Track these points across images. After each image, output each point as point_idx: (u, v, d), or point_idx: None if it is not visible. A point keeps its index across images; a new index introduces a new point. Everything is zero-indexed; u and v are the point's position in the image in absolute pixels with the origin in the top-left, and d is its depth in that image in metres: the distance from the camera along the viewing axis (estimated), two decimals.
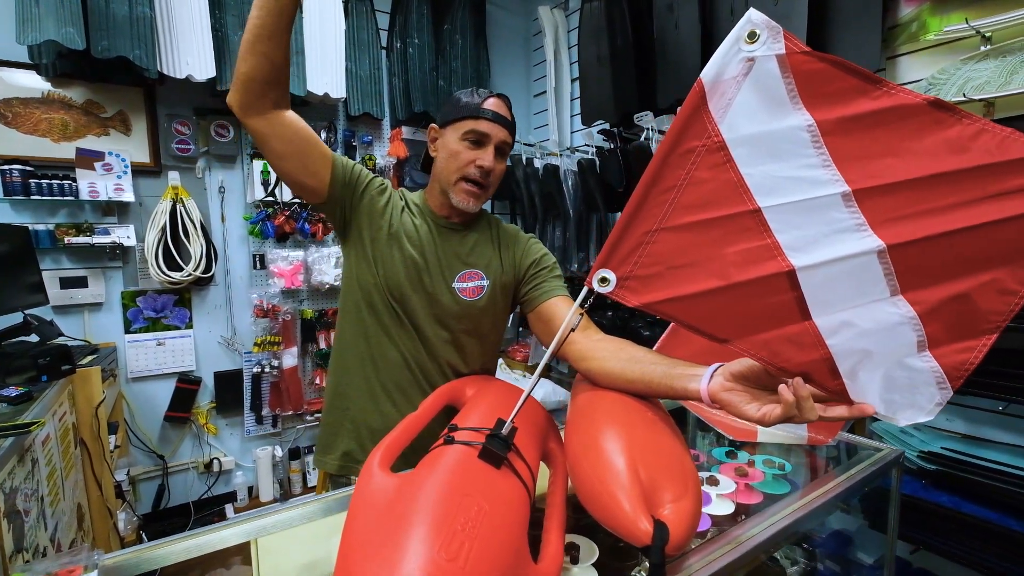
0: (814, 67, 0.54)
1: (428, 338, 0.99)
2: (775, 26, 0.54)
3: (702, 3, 1.93)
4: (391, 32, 2.76)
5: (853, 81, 0.54)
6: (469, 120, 0.94)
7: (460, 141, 0.94)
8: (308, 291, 2.64)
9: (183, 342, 2.40)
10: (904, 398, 0.58)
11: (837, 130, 0.55)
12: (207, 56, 2.13)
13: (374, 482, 0.59)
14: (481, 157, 0.94)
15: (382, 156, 2.78)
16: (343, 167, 0.95)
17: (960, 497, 1.42)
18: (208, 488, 2.49)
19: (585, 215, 2.48)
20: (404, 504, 0.53)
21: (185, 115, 2.33)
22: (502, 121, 0.95)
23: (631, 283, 0.62)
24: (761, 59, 0.54)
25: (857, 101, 0.54)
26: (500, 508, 0.56)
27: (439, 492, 0.54)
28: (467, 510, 0.52)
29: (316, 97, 2.43)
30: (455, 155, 0.95)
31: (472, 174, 0.95)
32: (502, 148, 0.96)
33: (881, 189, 0.54)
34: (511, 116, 0.98)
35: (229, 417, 2.54)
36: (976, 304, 0.54)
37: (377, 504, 0.55)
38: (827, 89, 0.54)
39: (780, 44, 0.54)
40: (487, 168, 0.94)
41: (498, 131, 0.94)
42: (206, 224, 2.39)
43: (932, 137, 0.53)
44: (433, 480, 0.56)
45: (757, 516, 0.78)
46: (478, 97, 0.95)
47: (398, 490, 0.56)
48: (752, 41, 0.54)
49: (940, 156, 0.53)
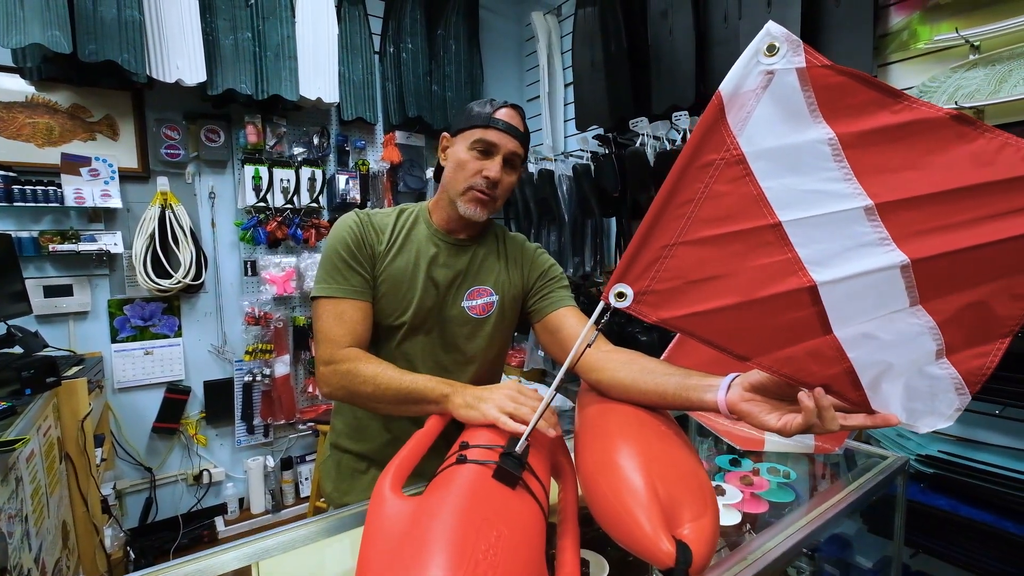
0: (834, 80, 0.53)
1: (441, 361, 0.99)
2: (795, 39, 0.53)
3: (696, 10, 1.94)
4: (384, 37, 2.74)
5: (874, 95, 0.53)
6: (478, 129, 0.92)
7: (468, 151, 0.93)
8: (300, 298, 2.60)
9: (172, 351, 2.35)
10: (925, 406, 0.58)
11: (858, 143, 0.54)
12: (197, 60, 2.09)
13: (387, 507, 0.57)
14: (488, 167, 0.92)
15: (375, 161, 2.76)
16: (365, 284, 0.95)
17: (957, 500, 1.42)
18: (198, 501, 2.44)
19: (580, 220, 2.48)
20: (421, 531, 0.51)
21: (174, 120, 2.29)
22: (512, 132, 0.93)
23: (649, 298, 0.61)
24: (781, 72, 0.53)
25: (878, 115, 0.53)
26: (518, 532, 0.55)
27: (456, 518, 0.52)
28: (487, 536, 0.51)
29: (309, 102, 2.41)
30: (462, 165, 0.93)
31: (478, 184, 0.92)
32: (511, 159, 0.94)
33: (904, 203, 0.54)
34: (524, 127, 0.96)
35: (219, 427, 2.49)
36: (992, 310, 0.54)
37: (393, 531, 0.53)
38: (848, 103, 0.54)
39: (800, 57, 0.53)
40: (493, 179, 0.92)
41: (507, 141, 0.92)
42: (196, 230, 2.34)
43: (955, 151, 0.52)
44: (449, 504, 0.54)
45: (771, 529, 0.77)
46: (490, 107, 0.94)
47: (413, 516, 0.54)
48: (771, 54, 0.53)
49: (963, 170, 0.52)
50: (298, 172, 2.49)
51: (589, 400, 0.83)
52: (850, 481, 0.93)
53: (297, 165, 2.50)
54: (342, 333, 0.89)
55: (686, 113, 1.92)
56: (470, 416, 0.76)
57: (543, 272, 1.04)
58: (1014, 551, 1.28)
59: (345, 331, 0.89)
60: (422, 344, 0.97)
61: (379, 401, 0.86)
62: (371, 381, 0.85)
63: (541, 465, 0.71)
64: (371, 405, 0.88)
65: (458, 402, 0.79)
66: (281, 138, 2.47)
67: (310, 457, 2.66)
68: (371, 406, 0.89)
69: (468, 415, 0.76)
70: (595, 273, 2.49)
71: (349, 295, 0.91)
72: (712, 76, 1.94)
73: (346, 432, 1.04)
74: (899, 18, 1.59)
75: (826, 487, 1.07)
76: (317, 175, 2.54)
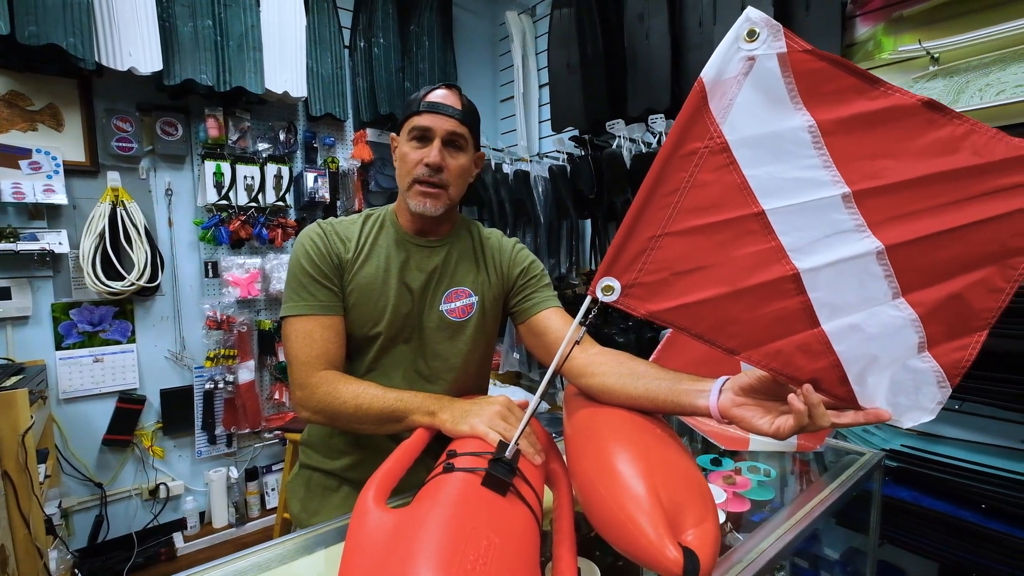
0: (814, 66, 0.54)
1: (421, 370, 0.94)
2: (775, 24, 0.53)
3: (672, 14, 1.97)
4: (354, 31, 2.66)
5: (852, 80, 0.54)
6: (413, 117, 0.88)
7: (407, 143, 0.89)
8: (266, 301, 2.49)
9: (124, 358, 2.20)
10: (909, 400, 0.59)
11: (837, 130, 0.55)
12: (152, 48, 1.97)
13: (370, 520, 0.54)
14: (426, 154, 0.86)
15: (345, 159, 2.67)
16: (333, 297, 0.90)
17: (920, 492, 1.49)
18: (154, 516, 2.29)
19: (556, 221, 2.47)
20: (407, 543, 0.48)
21: (127, 111, 2.14)
22: (446, 111, 0.86)
23: (636, 291, 0.60)
24: (762, 58, 0.53)
25: (856, 101, 0.54)
26: (510, 540, 0.52)
27: (444, 527, 0.50)
28: (476, 546, 0.48)
29: (275, 96, 2.30)
30: (403, 158, 0.89)
31: (420, 174, 0.87)
32: (454, 140, 0.88)
33: (879, 190, 0.55)
34: (462, 104, 0.89)
35: (178, 438, 2.35)
36: (969, 303, 0.56)
37: (376, 544, 0.50)
38: (826, 88, 0.54)
39: (781, 42, 0.53)
40: (434, 163, 0.86)
41: (443, 122, 0.86)
42: (151, 229, 2.20)
43: (925, 137, 0.54)
44: (436, 514, 0.52)
45: (761, 531, 0.77)
46: (422, 92, 0.90)
47: (398, 528, 0.51)
48: (752, 40, 0.53)
49: (933, 156, 0.54)
50: (263, 169, 2.38)
51: (579, 404, 0.81)
52: (830, 479, 0.95)
53: (262, 161, 2.39)
54: (315, 354, 0.85)
55: (662, 116, 1.94)
56: (459, 431, 0.73)
57: (524, 270, 1.00)
58: (972, 539, 1.35)
59: (317, 352, 0.85)
60: (401, 354, 0.93)
61: (362, 422, 0.82)
62: (351, 402, 0.81)
63: (534, 470, 0.69)
64: (353, 426, 0.84)
65: (446, 417, 0.76)
66: (245, 133, 2.35)
67: (277, 467, 2.55)
68: (353, 427, 0.85)
69: (457, 430, 0.74)
70: (571, 275, 2.49)
71: (317, 311, 0.86)
72: (687, 80, 1.97)
73: (316, 450, 0.99)
74: (865, 29, 1.65)
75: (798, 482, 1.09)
76: (284, 172, 2.44)
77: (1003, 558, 1.29)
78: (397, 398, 0.81)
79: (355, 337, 0.91)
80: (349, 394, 0.81)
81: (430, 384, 0.94)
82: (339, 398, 0.81)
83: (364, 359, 0.92)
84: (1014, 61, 1.30)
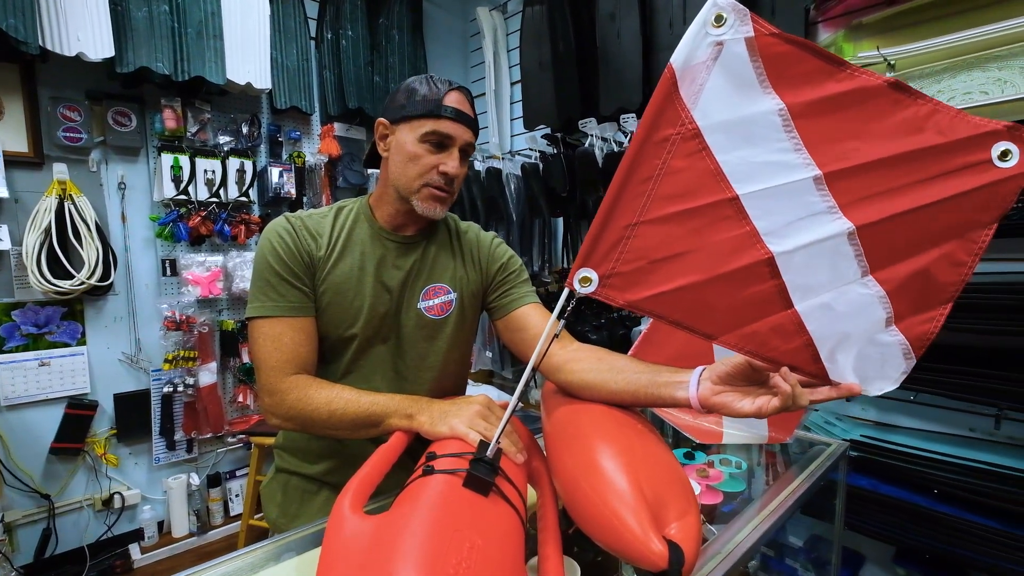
0: (781, 49, 0.54)
1: (400, 371, 0.92)
2: (742, 8, 0.53)
3: (643, 15, 1.99)
4: (321, 22, 2.59)
5: (818, 63, 0.55)
6: (429, 120, 0.83)
7: (420, 143, 0.84)
8: (229, 300, 2.39)
9: (74, 361, 2.08)
10: (875, 371, 0.62)
11: (806, 113, 0.55)
12: (103, 32, 1.86)
13: (347, 527, 0.52)
14: (445, 162, 0.84)
15: (312, 154, 2.60)
16: (304, 298, 0.86)
17: (877, 479, 1.56)
18: (108, 528, 2.17)
19: (528, 219, 2.47)
20: (386, 548, 0.47)
21: (75, 99, 2.01)
22: (466, 120, 0.86)
23: (614, 280, 0.59)
24: (730, 43, 0.53)
25: (824, 84, 0.55)
26: (494, 542, 0.51)
27: (424, 531, 0.48)
28: (458, 549, 0.47)
29: (237, 87, 2.22)
30: (414, 159, 0.85)
31: (435, 181, 0.85)
32: (466, 150, 0.88)
33: (848, 171, 0.56)
34: (474, 111, 0.89)
35: (133, 444, 2.24)
36: (934, 277, 0.58)
37: (354, 552, 0.48)
38: (794, 72, 0.55)
39: (748, 27, 0.53)
40: (452, 175, 0.85)
41: (463, 132, 0.85)
42: (103, 225, 2.08)
43: (891, 118, 0.55)
44: (416, 518, 0.50)
45: (737, 522, 0.79)
46: (437, 90, 0.84)
47: (376, 534, 0.49)
48: (719, 24, 0.53)
49: (899, 137, 0.55)
50: (225, 163, 2.29)
51: (558, 401, 0.81)
52: (799, 469, 0.98)
53: (224, 155, 2.29)
54: (285, 359, 0.81)
55: (634, 116, 1.96)
56: (439, 433, 0.72)
57: (502, 265, 0.99)
58: (925, 522, 1.42)
59: (287, 356, 0.81)
60: (379, 355, 0.90)
61: (336, 428, 0.79)
62: (325, 407, 0.78)
63: (516, 469, 0.68)
64: (327, 432, 0.81)
65: (424, 420, 0.75)
66: (205, 125, 2.25)
67: (241, 472, 2.46)
68: (327, 433, 0.82)
69: (436, 432, 0.72)
70: (543, 273, 2.49)
71: (287, 313, 0.82)
72: (658, 81, 1.99)
73: (293, 454, 0.95)
74: (827, 35, 1.71)
75: (765, 473, 1.13)
76: (247, 167, 2.35)
77: (953, 539, 1.36)
78: (372, 402, 0.78)
79: (329, 339, 0.88)
80: (322, 399, 0.78)
81: (410, 385, 0.92)
82: (311, 404, 0.78)
83: (340, 362, 0.89)
84: (963, 70, 1.38)
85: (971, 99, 1.35)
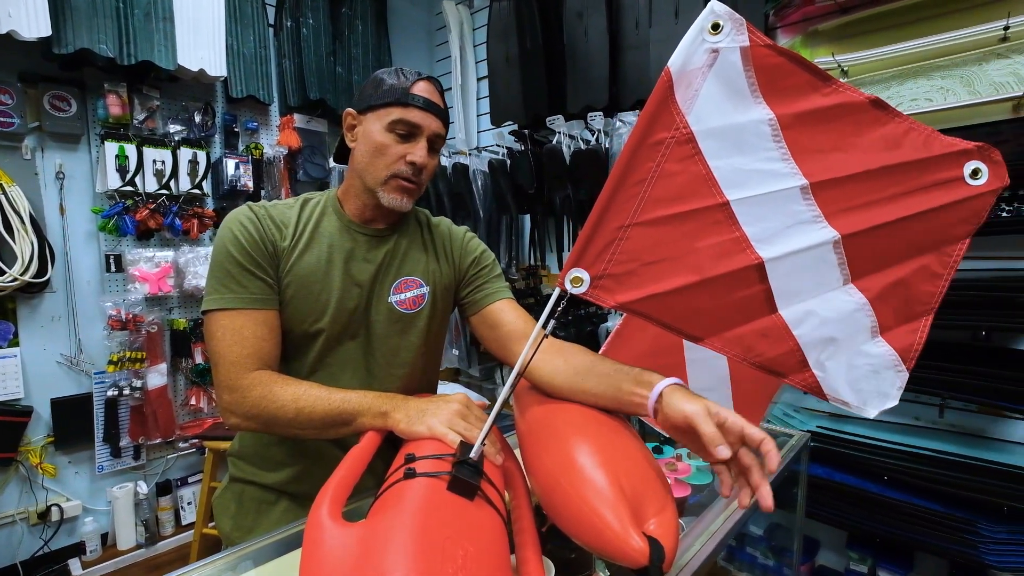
0: (774, 61, 0.56)
1: (371, 368, 0.89)
2: (738, 18, 0.54)
3: (609, 14, 2.01)
4: (280, 9, 2.49)
5: (807, 77, 0.57)
6: (396, 108, 0.81)
7: (387, 132, 0.82)
8: (180, 297, 2.27)
9: (5, 364, 1.92)
10: (871, 386, 0.63)
11: (794, 124, 0.57)
12: (39, 10, 1.72)
13: (329, 537, 0.49)
14: (412, 152, 0.82)
15: (270, 146, 2.50)
16: (267, 289, 0.81)
17: (832, 468, 1.63)
18: (45, 543, 2.02)
19: (495, 216, 2.46)
20: (377, 561, 0.44)
21: (6, 80, 1.86)
22: (435, 110, 0.83)
23: (605, 282, 0.59)
24: (725, 51, 0.55)
25: (811, 97, 0.57)
26: (484, 548, 0.50)
27: (417, 541, 0.46)
28: (453, 558, 0.45)
29: (189, 73, 2.10)
30: (381, 149, 0.82)
31: (403, 172, 0.82)
32: (435, 141, 0.85)
33: (833, 182, 0.58)
34: (444, 103, 0.86)
35: (73, 453, 2.09)
36: (913, 288, 0.61)
37: (341, 564, 0.45)
38: (784, 83, 0.57)
39: (744, 36, 0.54)
40: (420, 164, 0.83)
41: (431, 122, 0.83)
42: (38, 217, 1.93)
43: (871, 133, 0.58)
44: (406, 527, 0.48)
45: (709, 513, 0.80)
46: (405, 79, 0.82)
47: (364, 544, 0.47)
48: (716, 32, 0.54)
49: (878, 151, 0.58)
50: (176, 153, 2.17)
51: (532, 400, 0.79)
52: None
53: (174, 145, 2.17)
54: (246, 353, 0.76)
55: (600, 114, 1.97)
56: (416, 432, 0.69)
57: (475, 259, 0.97)
58: (875, 508, 1.49)
59: (249, 350, 0.76)
60: (348, 351, 0.87)
61: (303, 427, 0.74)
62: (291, 405, 0.73)
63: (495, 471, 0.67)
64: (293, 432, 0.76)
65: (400, 418, 0.72)
66: (153, 112, 2.12)
67: (194, 478, 2.34)
68: (293, 433, 0.77)
69: (413, 431, 0.69)
70: (511, 269, 2.48)
71: (248, 305, 0.77)
72: (624, 80, 2.02)
73: (250, 461, 0.90)
74: (785, 40, 1.77)
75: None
76: (200, 157, 2.23)
77: (901, 523, 1.43)
78: (344, 399, 0.74)
79: (294, 334, 0.84)
80: (288, 396, 0.74)
81: (380, 383, 0.88)
82: (276, 401, 0.74)
83: (306, 358, 0.85)
84: (910, 77, 1.45)
85: (917, 105, 1.42)
